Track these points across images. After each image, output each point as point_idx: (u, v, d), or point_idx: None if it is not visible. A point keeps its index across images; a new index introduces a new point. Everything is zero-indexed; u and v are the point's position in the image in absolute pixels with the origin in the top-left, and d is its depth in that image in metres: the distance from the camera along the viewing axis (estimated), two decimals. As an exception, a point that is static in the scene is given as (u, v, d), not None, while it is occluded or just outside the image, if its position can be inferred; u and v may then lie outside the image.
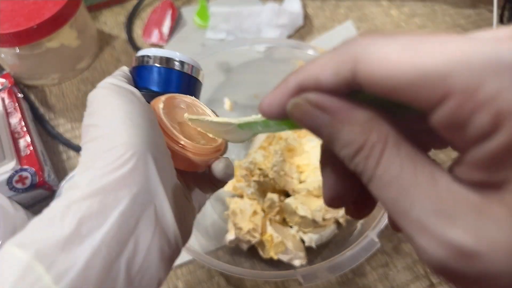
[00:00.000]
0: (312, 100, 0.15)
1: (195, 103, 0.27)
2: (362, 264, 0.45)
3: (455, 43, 0.12)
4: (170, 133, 0.24)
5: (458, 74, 0.11)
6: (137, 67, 0.27)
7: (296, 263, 0.42)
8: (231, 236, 0.43)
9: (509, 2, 0.60)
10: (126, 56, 0.63)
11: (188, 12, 0.68)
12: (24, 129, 0.49)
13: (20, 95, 0.55)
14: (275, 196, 0.44)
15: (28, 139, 0.48)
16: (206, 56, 0.48)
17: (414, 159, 0.13)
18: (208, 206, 0.48)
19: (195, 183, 0.28)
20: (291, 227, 0.45)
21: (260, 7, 0.65)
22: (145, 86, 0.27)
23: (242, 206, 0.44)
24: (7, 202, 0.41)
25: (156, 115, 0.24)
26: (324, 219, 0.43)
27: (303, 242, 0.44)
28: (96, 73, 0.61)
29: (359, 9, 0.68)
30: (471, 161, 0.12)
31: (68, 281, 0.17)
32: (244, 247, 0.44)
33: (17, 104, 0.52)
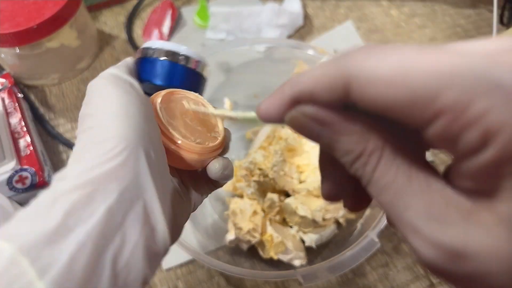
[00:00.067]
0: (308, 114, 0.16)
1: (198, 100, 0.27)
2: (362, 264, 0.45)
3: (445, 61, 0.12)
4: (165, 129, 0.23)
5: (448, 94, 0.12)
6: (140, 59, 0.27)
7: (296, 263, 0.42)
8: (231, 236, 0.43)
9: (509, 2, 0.60)
10: (126, 56, 0.63)
11: (188, 12, 0.68)
12: (24, 129, 0.49)
13: (20, 95, 0.55)
14: (275, 196, 0.44)
15: (28, 139, 0.48)
16: (206, 56, 0.47)
17: (409, 165, 0.14)
18: (208, 206, 0.48)
19: (192, 182, 0.27)
20: (291, 227, 0.45)
21: (260, 7, 0.65)
22: (147, 79, 0.26)
23: (242, 206, 0.44)
24: (7, 202, 0.41)
25: (153, 110, 0.23)
26: (324, 219, 0.43)
27: (303, 242, 0.44)
28: (96, 73, 0.60)
29: (359, 9, 0.68)
30: (464, 171, 0.13)
31: (53, 275, 0.17)
32: (244, 247, 0.44)
33: (17, 104, 0.52)
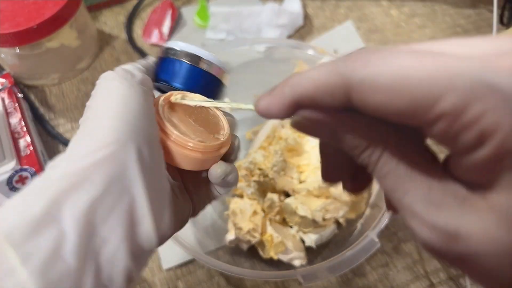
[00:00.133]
0: (311, 119, 0.17)
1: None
2: (362, 264, 0.45)
3: (442, 67, 0.13)
4: (163, 125, 0.23)
5: (446, 99, 0.12)
6: (162, 58, 0.26)
7: (296, 263, 0.42)
8: (231, 236, 0.43)
9: (509, 2, 0.60)
10: (126, 56, 0.63)
11: (188, 12, 0.68)
12: (24, 129, 0.49)
13: (20, 95, 0.55)
14: (275, 196, 0.44)
15: (28, 139, 0.48)
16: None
17: (410, 155, 0.15)
18: (208, 206, 0.48)
19: (194, 186, 0.27)
20: (291, 227, 0.45)
21: (260, 7, 0.65)
22: (166, 79, 0.26)
23: (242, 206, 0.44)
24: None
25: (154, 108, 0.23)
26: (324, 219, 0.43)
27: (303, 242, 0.44)
28: (96, 73, 0.61)
29: (359, 9, 0.68)
30: (462, 164, 0.14)
31: (36, 262, 0.17)
32: (244, 247, 0.44)
33: (17, 104, 0.52)
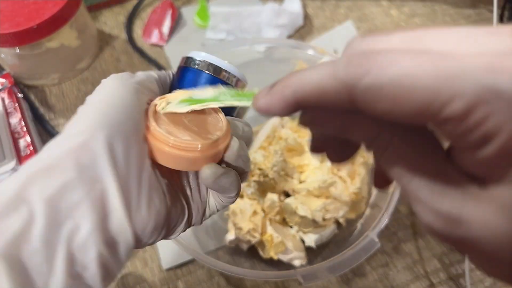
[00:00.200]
0: (316, 121, 0.18)
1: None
2: (362, 264, 0.45)
3: (447, 71, 0.13)
4: (147, 121, 0.23)
5: (451, 106, 0.13)
6: (182, 68, 0.27)
7: (296, 263, 0.42)
8: (231, 236, 0.43)
9: (509, 2, 0.60)
10: (126, 56, 0.63)
11: (188, 12, 0.68)
12: (24, 129, 0.49)
13: (20, 95, 0.55)
14: (275, 196, 0.44)
15: (28, 139, 0.48)
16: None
17: (417, 145, 0.16)
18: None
19: (190, 190, 0.26)
20: (291, 227, 0.45)
21: (260, 7, 0.65)
22: (182, 87, 0.26)
23: (242, 206, 0.44)
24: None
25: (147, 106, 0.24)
26: (324, 219, 0.43)
27: (303, 242, 0.44)
28: (96, 73, 0.61)
29: (359, 9, 0.68)
30: (466, 158, 0.15)
31: (2, 244, 0.17)
32: (244, 247, 0.44)
33: (17, 104, 0.52)
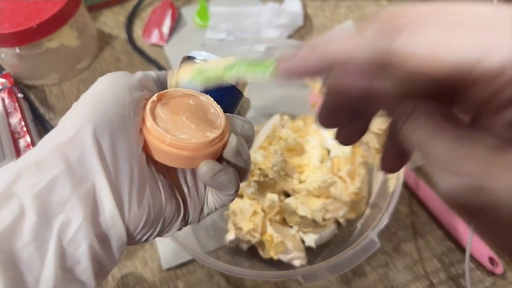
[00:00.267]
0: (346, 85, 0.18)
1: (209, 102, 0.26)
2: (362, 264, 0.45)
3: (481, 38, 0.14)
4: (147, 120, 0.23)
5: (483, 66, 0.14)
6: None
7: (296, 263, 0.42)
8: (231, 236, 0.43)
9: (509, 2, 0.60)
10: (126, 56, 0.63)
11: (188, 12, 0.68)
12: (24, 129, 0.49)
13: (20, 95, 0.55)
14: (275, 196, 0.44)
15: (28, 139, 0.48)
16: (206, 56, 0.47)
17: (440, 112, 0.16)
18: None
19: (187, 188, 0.26)
20: (291, 227, 0.45)
21: (260, 7, 0.65)
22: (183, 87, 0.26)
23: (242, 206, 0.44)
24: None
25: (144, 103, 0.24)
26: (324, 219, 0.43)
27: (303, 242, 0.44)
28: (96, 73, 0.61)
29: (359, 9, 0.68)
30: (496, 121, 0.15)
31: None
32: (244, 247, 0.44)
33: (17, 104, 0.52)
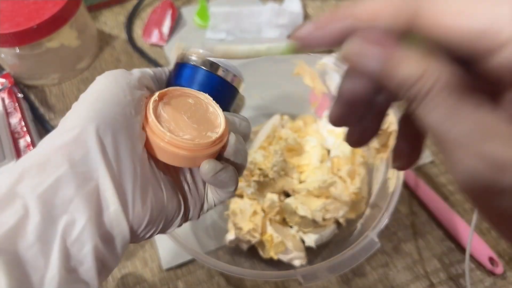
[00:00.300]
0: (372, 40, 0.17)
1: (208, 101, 0.26)
2: (362, 264, 0.45)
3: (506, 3, 0.14)
4: (151, 120, 0.23)
5: (509, 29, 0.13)
6: (179, 64, 0.27)
7: (296, 263, 0.42)
8: (231, 236, 0.43)
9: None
10: (126, 56, 0.63)
11: (188, 12, 0.68)
12: (24, 129, 0.49)
13: (20, 95, 0.55)
14: (275, 196, 0.44)
15: (28, 139, 0.48)
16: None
17: (462, 88, 0.15)
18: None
19: (192, 185, 0.27)
20: (291, 227, 0.45)
21: (260, 7, 0.65)
22: (181, 85, 0.26)
23: (242, 206, 0.44)
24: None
25: (145, 102, 0.24)
26: (324, 219, 0.43)
27: (303, 242, 0.44)
28: (96, 73, 0.61)
29: (359, 9, 0.68)
30: None
31: None
32: (244, 247, 0.44)
33: (17, 104, 0.52)
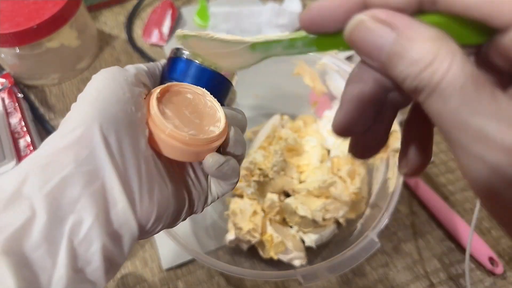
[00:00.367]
0: (380, 17, 0.15)
1: (205, 95, 0.27)
2: (362, 264, 0.45)
3: None
4: (155, 116, 0.23)
5: None
6: (172, 59, 0.28)
7: (296, 263, 0.42)
8: (231, 236, 0.43)
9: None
10: (126, 56, 0.63)
11: (188, 12, 0.68)
12: (24, 129, 0.49)
13: (20, 95, 0.55)
14: (275, 196, 0.44)
15: (28, 139, 0.48)
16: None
17: (477, 75, 0.14)
18: (208, 206, 0.48)
19: (196, 179, 0.27)
20: (291, 227, 0.45)
21: (260, 7, 0.65)
22: (174, 78, 0.27)
23: (242, 206, 0.44)
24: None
25: (146, 99, 0.24)
26: (324, 219, 0.43)
27: (303, 242, 0.44)
28: (96, 73, 0.61)
29: (359, 9, 0.68)
30: None
31: (4, 241, 0.17)
32: (244, 247, 0.44)
33: (17, 104, 0.52)
